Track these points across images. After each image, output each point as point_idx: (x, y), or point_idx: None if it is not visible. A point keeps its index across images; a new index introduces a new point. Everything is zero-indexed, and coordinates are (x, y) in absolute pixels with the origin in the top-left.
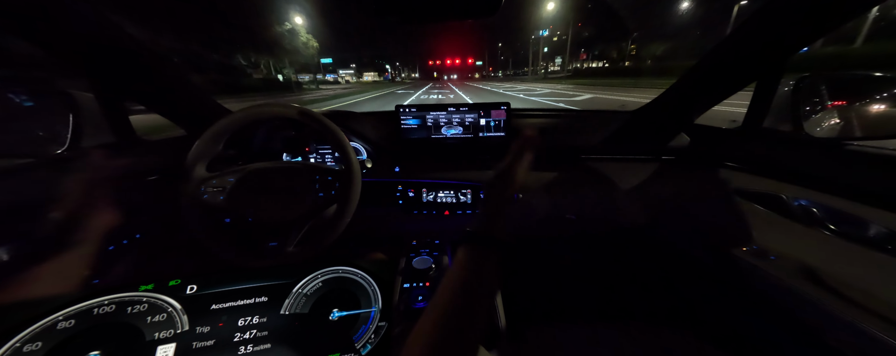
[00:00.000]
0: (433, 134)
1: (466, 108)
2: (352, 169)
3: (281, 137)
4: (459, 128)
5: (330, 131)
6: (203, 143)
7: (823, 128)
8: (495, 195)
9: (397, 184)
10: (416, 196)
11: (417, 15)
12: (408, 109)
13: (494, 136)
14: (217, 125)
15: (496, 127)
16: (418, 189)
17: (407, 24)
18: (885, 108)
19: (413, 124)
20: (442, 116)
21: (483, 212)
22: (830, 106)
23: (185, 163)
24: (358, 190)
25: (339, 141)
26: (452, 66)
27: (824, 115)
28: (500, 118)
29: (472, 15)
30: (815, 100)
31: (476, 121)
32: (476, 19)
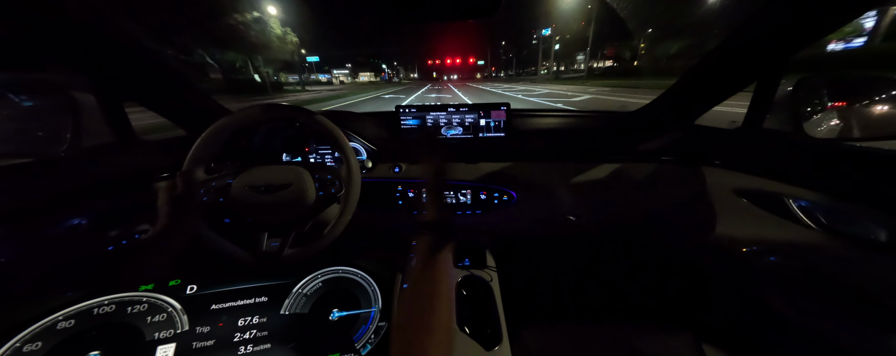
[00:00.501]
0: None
1: (466, 109)
2: (351, 169)
3: (281, 138)
4: (459, 128)
5: (329, 131)
6: (202, 143)
7: (824, 128)
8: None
9: (397, 184)
10: (416, 196)
11: (418, 15)
12: (408, 110)
13: (494, 137)
14: (216, 125)
15: (496, 127)
16: (418, 189)
17: (407, 24)
18: (886, 109)
19: (413, 125)
20: (442, 117)
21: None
22: (831, 107)
23: (185, 163)
24: (358, 190)
25: (338, 141)
26: (453, 65)
27: (824, 115)
28: (500, 119)
29: (472, 15)
30: (815, 100)
31: (476, 121)
32: (477, 19)
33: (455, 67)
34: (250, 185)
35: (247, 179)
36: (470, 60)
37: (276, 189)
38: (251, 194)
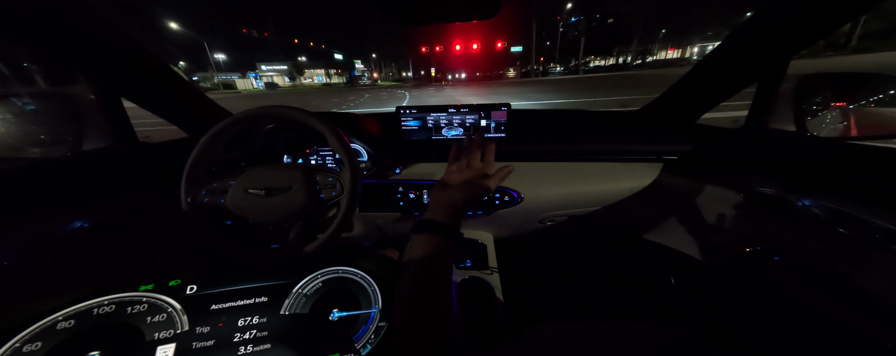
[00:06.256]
0: (434, 135)
1: (467, 109)
2: (352, 171)
3: (282, 139)
4: (460, 129)
5: (331, 133)
6: (203, 145)
7: (827, 127)
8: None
9: (398, 185)
10: (417, 197)
11: (418, 15)
12: (408, 110)
13: (495, 137)
14: (216, 128)
15: (497, 128)
16: (419, 190)
17: (407, 25)
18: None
19: (414, 125)
20: (442, 117)
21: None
22: (834, 106)
23: (186, 166)
24: (359, 191)
25: (339, 142)
26: (466, 54)
27: (827, 114)
28: (501, 119)
29: (472, 16)
30: (817, 99)
31: (476, 122)
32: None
33: (469, 58)
34: (252, 187)
35: (248, 181)
36: (498, 44)
37: (278, 191)
38: (252, 196)
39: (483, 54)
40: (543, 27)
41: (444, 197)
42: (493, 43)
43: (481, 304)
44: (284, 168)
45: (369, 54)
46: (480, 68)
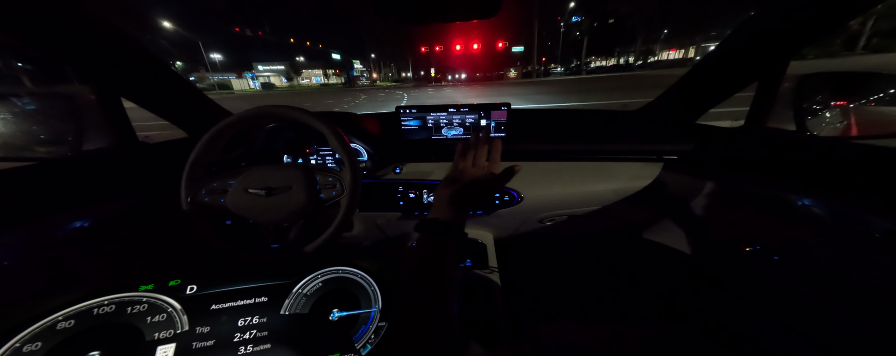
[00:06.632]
0: (433, 135)
1: (467, 109)
2: (352, 170)
3: (282, 139)
4: (460, 129)
5: (330, 132)
6: (203, 145)
7: (826, 127)
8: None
9: (398, 185)
10: (417, 197)
11: (417, 15)
12: (408, 110)
13: (495, 137)
14: (216, 127)
15: (497, 128)
16: (419, 190)
17: (408, 25)
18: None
19: (414, 125)
20: (442, 117)
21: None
22: (834, 105)
23: (186, 165)
24: (359, 191)
25: (339, 142)
26: (467, 54)
27: (827, 114)
28: (501, 119)
29: (473, 15)
30: (817, 99)
31: (476, 122)
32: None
33: (470, 58)
34: (252, 187)
35: (248, 181)
36: (499, 45)
37: (278, 190)
38: (253, 195)
39: (484, 54)
40: (545, 27)
41: (449, 195)
42: (493, 43)
43: (481, 304)
44: (284, 168)
45: (368, 54)
46: (481, 68)
